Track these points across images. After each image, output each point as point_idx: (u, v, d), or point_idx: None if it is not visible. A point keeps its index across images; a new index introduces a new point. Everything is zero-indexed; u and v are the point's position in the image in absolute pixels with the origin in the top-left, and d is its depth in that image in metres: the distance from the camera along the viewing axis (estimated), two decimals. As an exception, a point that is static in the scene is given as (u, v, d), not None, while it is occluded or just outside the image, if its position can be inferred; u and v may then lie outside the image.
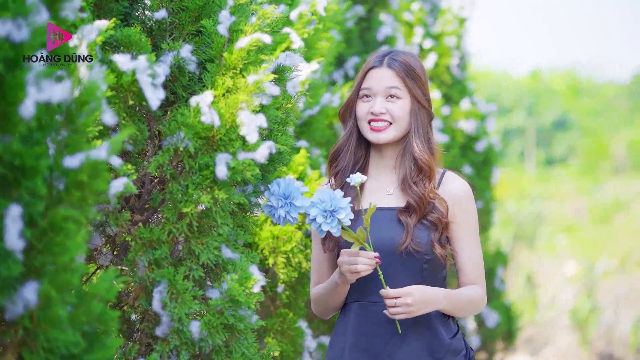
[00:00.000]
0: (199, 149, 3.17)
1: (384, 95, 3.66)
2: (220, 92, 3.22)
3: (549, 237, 19.29)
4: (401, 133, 3.66)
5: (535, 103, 35.52)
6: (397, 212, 3.60)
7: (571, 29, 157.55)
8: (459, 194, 3.66)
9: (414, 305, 3.46)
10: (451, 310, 3.59)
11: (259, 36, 3.22)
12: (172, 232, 3.18)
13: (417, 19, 8.50)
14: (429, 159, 3.62)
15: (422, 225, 3.58)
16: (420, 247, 3.55)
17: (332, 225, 3.35)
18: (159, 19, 3.34)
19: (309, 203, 3.38)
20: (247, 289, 3.19)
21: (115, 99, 3.07)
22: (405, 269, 3.57)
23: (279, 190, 3.39)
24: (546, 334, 13.14)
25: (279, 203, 3.39)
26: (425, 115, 3.68)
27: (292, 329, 4.38)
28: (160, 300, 3.13)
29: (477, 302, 3.66)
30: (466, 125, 8.78)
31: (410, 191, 3.61)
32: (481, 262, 3.69)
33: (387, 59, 3.70)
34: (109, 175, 2.57)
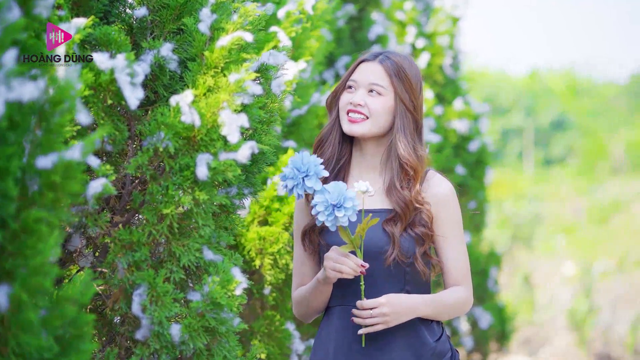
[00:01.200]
0: (179, 149, 3.12)
1: (366, 88, 3.62)
2: (202, 91, 3.17)
3: (546, 238, 19.27)
4: (377, 130, 3.62)
5: (534, 103, 35.47)
6: (382, 222, 3.56)
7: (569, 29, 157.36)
8: (441, 193, 3.62)
9: (390, 315, 3.45)
10: (433, 315, 3.57)
11: (240, 34, 3.17)
12: (153, 234, 3.12)
13: (409, 18, 8.46)
14: (414, 163, 3.58)
15: (408, 235, 3.55)
16: (406, 258, 3.53)
17: (328, 219, 3.30)
18: (140, 17, 3.29)
19: (319, 187, 3.31)
20: (229, 291, 3.14)
21: (94, 98, 3.02)
22: (388, 274, 3.55)
23: (299, 162, 3.32)
24: (544, 334, 13.14)
25: (292, 174, 3.32)
26: (411, 120, 3.63)
27: (279, 331, 4.33)
28: (140, 304, 3.08)
29: (461, 304, 3.62)
30: (459, 125, 8.73)
31: (396, 196, 3.58)
32: (466, 263, 3.64)
33: (381, 55, 3.67)
34: (84, 176, 2.52)
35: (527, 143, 32.42)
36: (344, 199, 3.29)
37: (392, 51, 3.73)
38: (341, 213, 3.29)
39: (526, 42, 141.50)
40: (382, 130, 3.63)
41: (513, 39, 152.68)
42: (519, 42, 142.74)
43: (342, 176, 3.71)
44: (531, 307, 13.73)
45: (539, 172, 30.69)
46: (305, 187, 3.31)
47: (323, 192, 3.30)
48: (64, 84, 2.42)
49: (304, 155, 3.33)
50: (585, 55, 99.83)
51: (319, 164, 3.32)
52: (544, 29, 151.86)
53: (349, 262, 3.42)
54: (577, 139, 33.49)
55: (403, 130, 3.60)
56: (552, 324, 13.37)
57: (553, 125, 34.63)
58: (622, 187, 24.83)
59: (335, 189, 3.30)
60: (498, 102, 34.96)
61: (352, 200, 3.29)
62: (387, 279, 3.54)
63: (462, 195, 8.81)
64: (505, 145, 33.44)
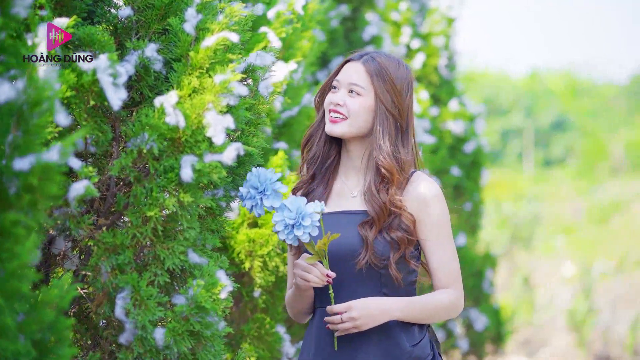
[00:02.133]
0: (163, 150, 3.07)
1: (347, 88, 3.61)
2: (186, 92, 3.13)
3: (546, 238, 19.23)
4: (356, 130, 3.59)
5: (534, 104, 35.43)
6: (358, 225, 3.54)
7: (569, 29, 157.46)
8: (423, 195, 3.57)
9: (360, 318, 3.44)
10: (412, 318, 3.53)
11: (225, 35, 3.13)
12: (136, 237, 3.08)
13: (404, 19, 8.42)
14: (390, 166, 3.54)
15: (383, 239, 3.51)
16: (380, 261, 3.50)
17: (288, 238, 3.33)
18: (124, 17, 3.24)
19: (278, 205, 3.33)
20: (214, 295, 3.10)
21: (76, 99, 2.97)
22: (363, 277, 3.52)
23: (255, 182, 3.33)
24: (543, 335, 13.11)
25: (249, 194, 3.34)
26: (392, 122, 3.58)
27: (269, 334, 4.29)
28: (123, 307, 3.04)
29: (447, 307, 3.57)
30: (454, 126, 8.70)
31: (372, 200, 3.56)
32: (454, 266, 3.59)
33: (366, 56, 3.65)
34: (62, 178, 2.47)
35: (527, 143, 32.38)
36: (302, 217, 3.30)
37: (382, 52, 3.70)
38: (300, 232, 3.30)
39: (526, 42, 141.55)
40: (361, 131, 3.60)
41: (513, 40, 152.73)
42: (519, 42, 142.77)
43: (329, 176, 3.70)
44: (531, 308, 13.70)
45: (539, 172, 30.65)
46: (264, 207, 3.34)
47: (282, 209, 3.31)
48: (42, 84, 2.39)
49: (259, 173, 3.33)
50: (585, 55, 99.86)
51: (276, 179, 3.34)
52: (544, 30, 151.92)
53: (315, 271, 3.44)
54: (577, 140, 33.45)
55: (382, 132, 3.57)
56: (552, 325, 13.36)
57: (553, 126, 34.60)
58: (622, 188, 24.83)
59: (294, 205, 3.31)
60: (498, 103, 34.94)
61: (310, 217, 3.30)
62: (363, 281, 3.52)
63: (458, 196, 8.79)
64: (505, 145, 33.42)
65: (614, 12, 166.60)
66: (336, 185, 3.69)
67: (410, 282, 3.59)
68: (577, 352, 12.15)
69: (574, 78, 39.24)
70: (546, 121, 34.54)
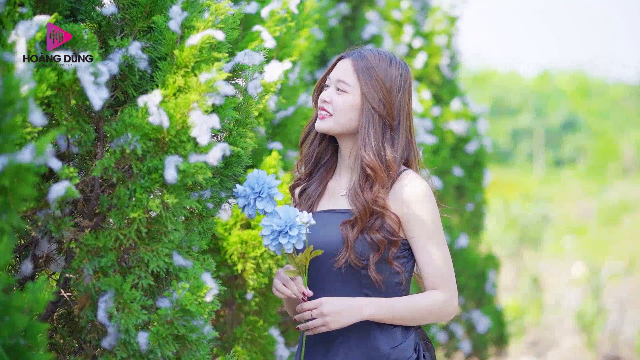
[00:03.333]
0: (147, 151, 3.01)
1: (335, 86, 3.58)
2: (171, 92, 3.07)
3: (555, 239, 19.14)
4: (341, 128, 3.56)
5: (544, 104, 35.30)
6: (340, 224, 3.50)
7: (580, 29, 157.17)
8: (409, 193, 3.50)
9: (329, 314, 3.40)
10: (392, 319, 3.46)
11: (211, 33, 3.06)
12: (120, 239, 3.02)
13: (406, 17, 8.38)
14: (373, 164, 3.48)
15: (364, 239, 3.46)
16: (360, 262, 3.45)
17: (272, 244, 3.31)
18: (108, 14, 3.18)
19: (270, 209, 3.30)
20: (199, 298, 3.04)
21: (57, 99, 2.91)
22: (344, 277, 3.48)
23: (254, 181, 3.31)
24: (552, 336, 13.05)
25: (244, 192, 3.32)
26: (378, 120, 3.52)
27: (262, 337, 4.23)
28: (105, 311, 2.98)
29: (434, 309, 3.49)
30: (456, 126, 8.63)
31: (355, 198, 3.51)
32: (444, 266, 3.51)
33: (356, 52, 3.62)
34: (35, 179, 2.41)
35: (537, 144, 32.26)
36: (290, 227, 3.27)
37: (375, 49, 3.66)
38: (285, 240, 3.29)
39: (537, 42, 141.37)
40: (347, 128, 3.56)
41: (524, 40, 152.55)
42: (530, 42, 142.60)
43: (325, 174, 3.68)
44: (539, 309, 13.63)
45: (549, 173, 30.54)
46: (256, 208, 3.32)
47: (273, 216, 3.30)
48: (14, 83, 2.33)
49: (260, 175, 3.31)
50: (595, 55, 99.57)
51: (275, 186, 3.32)
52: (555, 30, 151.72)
53: (293, 286, 3.43)
54: (588, 140, 33.32)
55: (367, 129, 3.52)
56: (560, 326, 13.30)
57: (563, 126, 34.46)
58: (632, 188, 24.73)
59: (285, 214, 3.29)
60: (508, 103, 34.82)
61: (298, 228, 3.27)
62: (344, 282, 3.48)
63: (460, 197, 8.72)
64: (515, 146, 33.31)
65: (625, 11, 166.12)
66: (331, 183, 3.67)
67: (396, 283, 3.52)
68: (585, 353, 12.10)
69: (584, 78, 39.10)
70: (556, 121, 34.41)
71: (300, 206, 3.65)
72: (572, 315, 13.16)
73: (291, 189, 3.71)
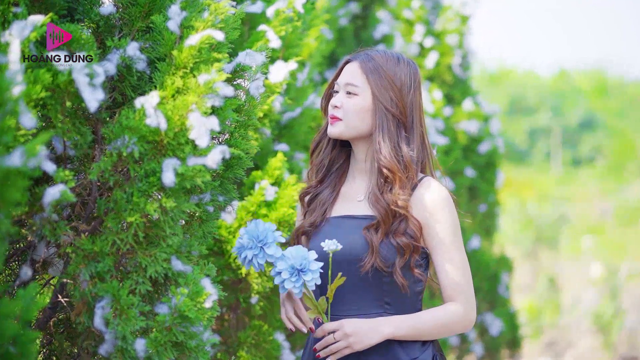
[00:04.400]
0: (144, 153, 2.95)
1: (344, 89, 3.51)
2: (170, 93, 3.00)
3: (572, 239, 19.03)
4: (353, 131, 3.48)
5: (562, 103, 35.12)
6: (363, 228, 3.42)
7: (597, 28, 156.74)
8: (430, 200, 3.43)
9: (353, 335, 3.31)
10: (411, 335, 3.38)
11: (210, 33, 3.00)
12: (117, 243, 2.96)
13: (417, 17, 8.31)
14: (390, 165, 3.41)
15: (389, 243, 3.38)
16: (386, 267, 3.37)
17: (295, 285, 3.19)
18: (106, 14, 3.12)
19: (279, 254, 3.20)
20: (199, 303, 2.97)
21: (52, 100, 2.85)
22: (365, 284, 3.39)
23: (255, 231, 3.20)
24: (569, 336, 13.00)
25: (250, 244, 3.21)
26: (392, 120, 3.46)
27: (267, 342, 4.16)
28: (102, 317, 2.92)
29: (452, 324, 3.42)
30: (469, 126, 8.54)
31: (375, 201, 3.44)
32: (463, 276, 3.43)
33: (363, 54, 3.55)
34: (25, 184, 2.35)
35: (555, 143, 32.09)
36: (307, 262, 3.18)
37: (381, 50, 3.59)
38: (309, 276, 3.18)
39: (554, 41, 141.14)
40: (360, 132, 3.49)
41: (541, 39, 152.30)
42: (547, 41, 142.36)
43: (337, 180, 3.60)
44: (556, 309, 13.56)
45: (566, 172, 30.38)
46: (266, 257, 3.20)
47: (284, 259, 3.19)
48: (4, 84, 2.27)
49: (257, 224, 3.22)
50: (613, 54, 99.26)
51: (274, 229, 3.22)
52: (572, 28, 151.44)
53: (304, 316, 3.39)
54: (606, 139, 33.12)
55: (381, 130, 3.45)
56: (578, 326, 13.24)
57: (581, 125, 34.27)
58: (652, 188, 24.61)
59: (297, 252, 3.20)
60: (525, 102, 34.67)
61: (316, 263, 3.20)
62: (364, 290, 3.38)
63: (472, 198, 8.65)
64: (532, 145, 33.15)
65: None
66: (344, 188, 3.59)
67: (416, 292, 3.45)
68: (603, 354, 12.05)
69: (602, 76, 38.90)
70: (574, 120, 34.23)
71: (312, 213, 3.57)
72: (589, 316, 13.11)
73: (301, 196, 3.63)
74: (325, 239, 3.29)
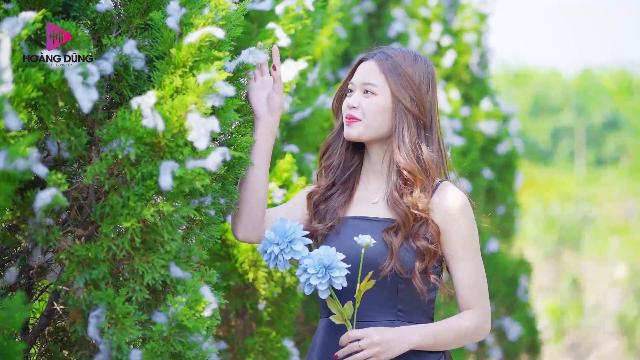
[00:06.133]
0: (141, 156, 2.83)
1: (361, 89, 3.38)
2: (168, 93, 2.89)
3: (596, 240, 18.90)
4: (373, 132, 3.36)
5: (586, 102, 34.91)
6: (382, 231, 3.29)
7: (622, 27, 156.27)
8: (449, 206, 3.31)
9: (381, 344, 3.17)
10: (432, 346, 3.26)
11: (209, 30, 2.88)
12: (112, 250, 2.84)
13: (434, 15, 8.23)
14: (411, 167, 3.29)
15: (409, 247, 3.27)
16: (405, 271, 3.25)
17: (322, 282, 3.07)
18: (103, 11, 3.00)
19: (306, 252, 3.10)
20: (197, 312, 2.85)
21: (44, 101, 2.74)
22: (380, 289, 3.26)
23: (282, 227, 3.11)
24: (592, 338, 12.95)
25: (277, 239, 3.10)
26: (412, 120, 3.33)
27: (275, 349, 4.07)
28: (96, 326, 2.80)
29: (469, 333, 3.31)
30: (487, 127, 8.44)
31: (394, 204, 3.31)
32: (480, 285, 3.32)
33: (379, 52, 3.42)
34: (10, 188, 2.25)
35: (579, 143, 31.89)
36: (336, 261, 3.07)
37: (396, 47, 3.47)
38: (336, 273, 3.06)
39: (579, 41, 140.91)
40: (378, 133, 3.37)
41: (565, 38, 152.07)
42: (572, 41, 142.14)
43: (351, 183, 3.48)
44: (579, 311, 13.48)
45: (590, 172, 30.19)
46: (292, 253, 3.09)
47: (310, 256, 3.09)
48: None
49: (284, 221, 3.12)
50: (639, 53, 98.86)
51: (302, 228, 3.13)
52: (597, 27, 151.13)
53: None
54: (630, 139, 32.90)
55: (401, 131, 3.33)
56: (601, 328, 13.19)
57: (605, 125, 34.06)
58: (677, 188, 24.45)
59: (324, 252, 3.09)
60: (548, 102, 34.50)
61: (342, 262, 3.09)
62: (378, 295, 3.26)
63: (490, 200, 8.56)
64: (556, 145, 32.99)
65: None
66: (358, 191, 3.47)
67: (430, 300, 3.34)
68: (627, 356, 12.02)
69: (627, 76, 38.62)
70: (598, 120, 34.03)
71: (322, 217, 3.44)
72: (613, 318, 13.06)
73: (309, 196, 3.50)
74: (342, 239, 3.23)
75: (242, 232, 3.38)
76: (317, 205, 3.46)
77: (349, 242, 3.26)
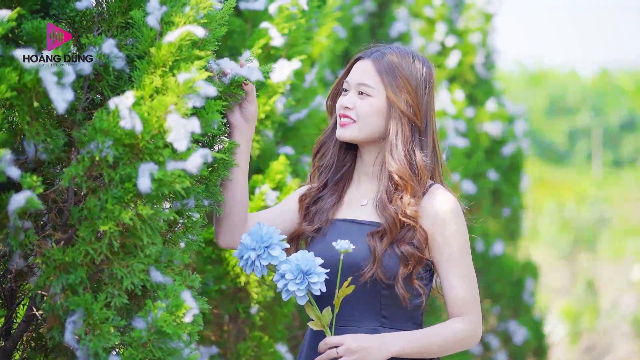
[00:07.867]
0: (119, 158, 2.76)
1: (356, 89, 3.30)
2: (148, 93, 2.82)
3: (612, 241, 18.80)
4: (367, 134, 3.28)
5: (603, 103, 34.75)
6: (367, 235, 3.23)
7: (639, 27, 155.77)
8: (439, 210, 3.24)
9: (358, 351, 3.10)
10: (416, 353, 3.17)
11: (190, 29, 2.81)
12: (90, 254, 2.78)
13: (439, 15, 8.17)
14: (403, 173, 3.21)
15: (393, 252, 3.19)
16: (387, 277, 3.17)
17: (299, 287, 3.00)
18: (82, 9, 2.94)
19: (284, 257, 3.03)
20: (178, 318, 2.78)
21: (19, 101, 2.67)
22: (362, 294, 3.20)
23: (259, 233, 3.04)
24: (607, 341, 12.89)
25: (253, 245, 3.04)
26: (408, 125, 3.25)
27: (268, 354, 4.00)
28: (73, 332, 2.73)
29: (457, 339, 3.22)
30: (492, 128, 8.37)
31: (382, 209, 3.24)
32: (470, 291, 3.24)
33: (376, 52, 3.34)
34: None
35: (596, 144, 31.73)
36: (314, 266, 3.00)
37: (394, 46, 3.39)
38: (314, 279, 3.00)
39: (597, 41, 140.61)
40: (373, 135, 3.30)
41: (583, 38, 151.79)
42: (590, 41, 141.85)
43: (342, 184, 3.40)
44: (595, 313, 13.41)
45: (607, 173, 30.06)
46: (269, 258, 3.02)
47: (288, 262, 3.02)
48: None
49: (261, 226, 3.05)
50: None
51: (279, 233, 3.07)
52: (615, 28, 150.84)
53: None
54: (648, 139, 32.80)
55: (395, 135, 3.26)
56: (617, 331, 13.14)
57: (623, 126, 33.89)
58: (695, 189, 24.38)
59: (302, 257, 3.01)
60: (565, 102, 34.37)
61: (320, 267, 3.02)
62: (362, 301, 3.19)
63: (496, 202, 8.49)
64: (572, 146, 32.86)
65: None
66: (348, 193, 3.40)
67: (416, 306, 3.26)
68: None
69: (644, 76, 38.47)
70: (616, 121, 33.86)
71: (312, 219, 3.37)
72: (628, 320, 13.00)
73: (301, 198, 3.43)
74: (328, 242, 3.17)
75: (223, 238, 3.32)
76: (308, 208, 3.40)
77: (332, 247, 3.18)
